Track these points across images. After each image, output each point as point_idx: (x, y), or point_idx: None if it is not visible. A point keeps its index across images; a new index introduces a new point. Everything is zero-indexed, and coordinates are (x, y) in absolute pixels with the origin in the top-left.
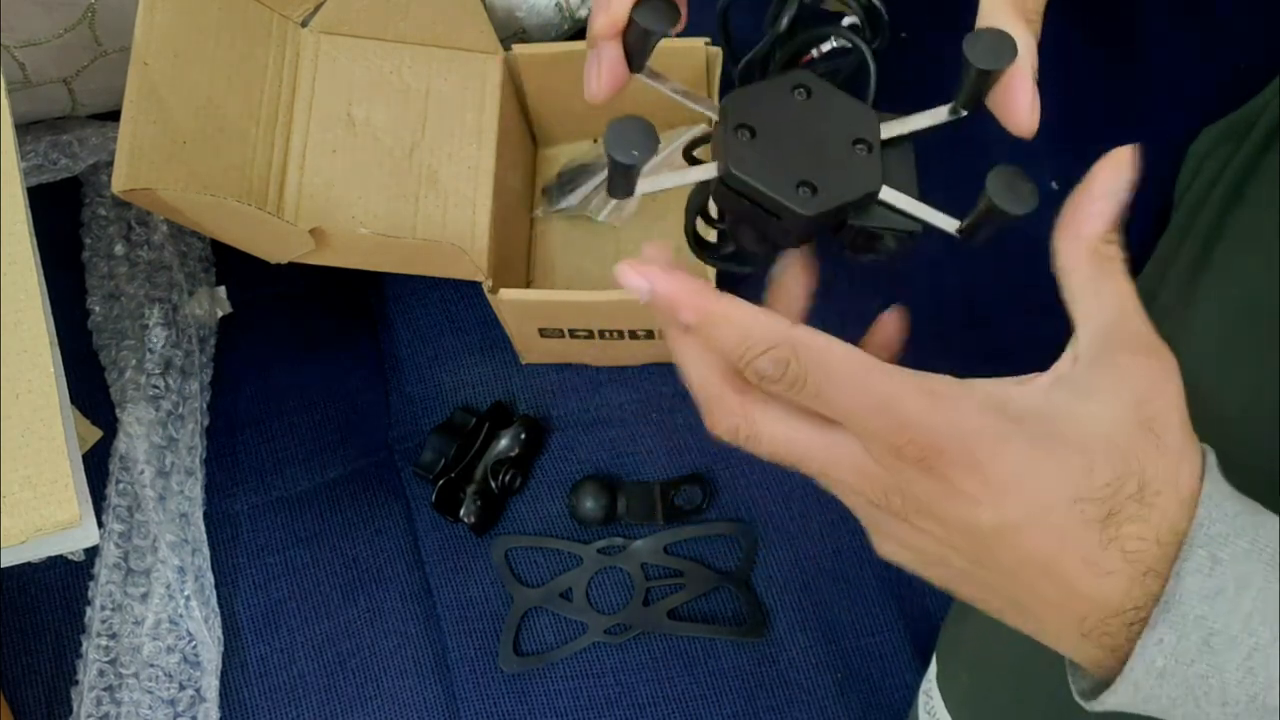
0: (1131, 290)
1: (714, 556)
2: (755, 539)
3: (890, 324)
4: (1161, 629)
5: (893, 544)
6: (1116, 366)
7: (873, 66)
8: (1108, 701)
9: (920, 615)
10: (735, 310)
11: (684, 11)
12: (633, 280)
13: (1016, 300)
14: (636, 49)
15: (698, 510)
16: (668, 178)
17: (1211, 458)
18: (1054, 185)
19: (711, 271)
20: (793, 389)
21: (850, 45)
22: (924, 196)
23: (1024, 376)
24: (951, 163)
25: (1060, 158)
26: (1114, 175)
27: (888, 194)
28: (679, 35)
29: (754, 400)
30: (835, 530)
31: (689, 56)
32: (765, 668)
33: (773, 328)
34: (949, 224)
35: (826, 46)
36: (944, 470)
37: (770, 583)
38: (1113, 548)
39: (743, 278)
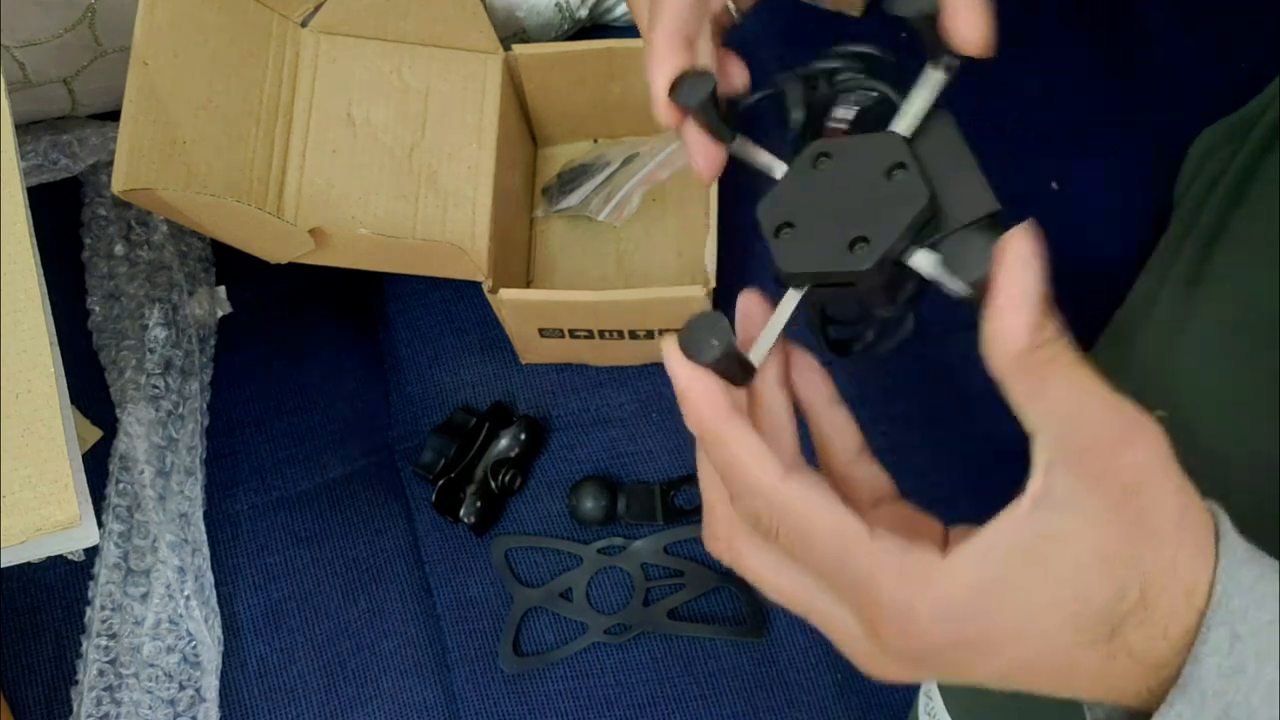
0: (1081, 383)
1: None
2: None
3: (836, 417)
4: (1179, 705)
5: (889, 678)
6: (1089, 472)
7: (890, 92)
8: None
9: None
10: (731, 439)
11: (732, 68)
12: (666, 362)
13: None
14: (707, 124)
15: (698, 510)
16: (768, 332)
17: (1224, 523)
18: (1054, 186)
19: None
20: (767, 540)
21: (866, 100)
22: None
23: (1006, 510)
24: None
25: (1060, 158)
26: (1021, 276)
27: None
28: (760, 95)
29: (741, 529)
30: None
31: None
32: (765, 668)
33: (755, 475)
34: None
35: (840, 113)
36: (930, 651)
37: None
38: (1120, 656)
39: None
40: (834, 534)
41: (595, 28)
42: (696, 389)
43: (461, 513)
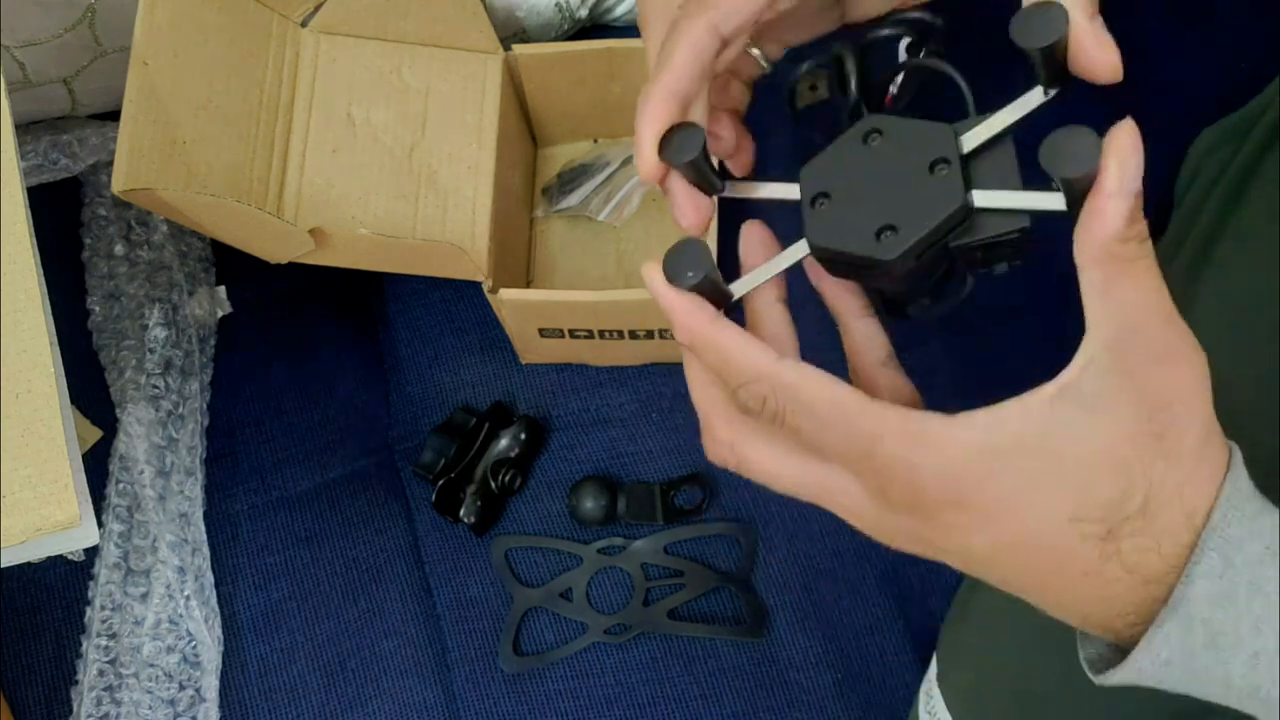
0: (1153, 289)
1: (714, 556)
2: (755, 539)
3: (865, 327)
4: (1168, 626)
5: (895, 545)
6: (1129, 376)
7: (953, 74)
8: (1112, 679)
9: (920, 615)
10: (723, 337)
11: (742, 147)
12: (648, 284)
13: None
14: (696, 178)
15: (698, 510)
16: (763, 270)
17: (1237, 455)
18: (1054, 186)
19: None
20: (773, 424)
21: (918, 67)
22: (1029, 185)
23: (1030, 392)
24: None
25: None
26: (1127, 165)
27: (983, 198)
28: (812, 63)
29: (742, 429)
30: (835, 530)
31: None
32: (765, 668)
33: (754, 360)
34: (1058, 201)
35: (897, 84)
36: (930, 510)
37: (770, 583)
38: (1113, 560)
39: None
40: (835, 401)
41: (595, 28)
42: (681, 303)
43: (461, 513)
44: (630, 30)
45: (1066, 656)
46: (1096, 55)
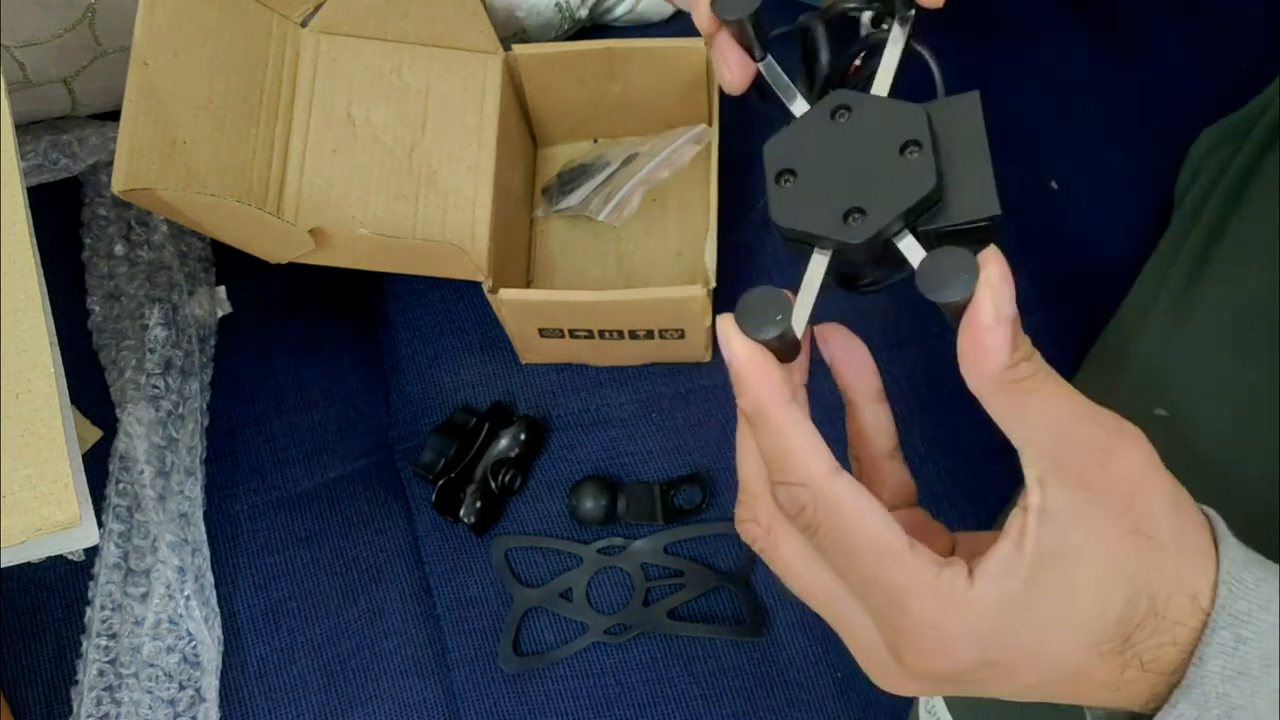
0: (1061, 399)
1: (714, 556)
2: None
3: (875, 414)
4: (1183, 705)
5: (902, 692)
6: (1083, 484)
7: (922, 50)
8: None
9: None
10: (787, 423)
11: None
12: (722, 340)
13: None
14: (744, 38)
15: (698, 510)
16: (805, 297)
17: (1221, 527)
18: (1054, 185)
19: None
20: (805, 533)
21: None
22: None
23: (1012, 524)
24: None
25: (1060, 158)
26: (996, 298)
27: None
28: (780, 30)
29: (782, 519)
30: None
31: (688, 56)
32: (765, 668)
33: (809, 464)
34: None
35: (863, 61)
36: (955, 669)
37: (770, 583)
38: (1132, 666)
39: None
40: (875, 541)
41: (595, 28)
42: (756, 368)
43: (461, 513)
44: (630, 30)
45: None
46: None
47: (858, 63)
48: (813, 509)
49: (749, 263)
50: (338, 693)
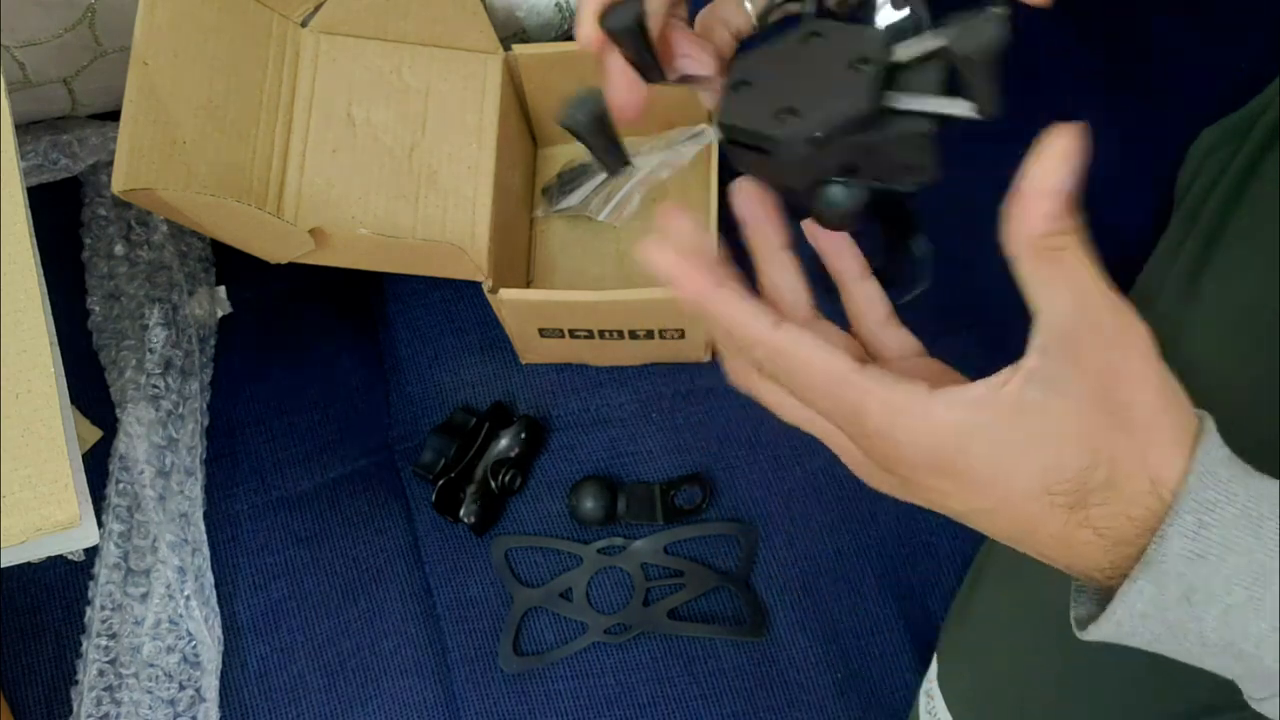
0: (1086, 274)
1: (714, 556)
2: (755, 539)
3: (865, 289)
4: (1142, 581)
5: (884, 491)
6: (1079, 360)
7: (921, 13)
8: (1094, 634)
9: (920, 615)
10: (722, 304)
11: (702, 57)
12: (653, 260)
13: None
14: (635, 56)
15: (698, 510)
16: (656, 156)
17: (1208, 423)
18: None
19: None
20: (772, 380)
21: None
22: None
23: (1002, 373)
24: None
25: None
26: (1056, 167)
27: (894, 101)
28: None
29: (754, 371)
30: (835, 530)
31: None
32: (765, 668)
33: (751, 329)
34: (966, 108)
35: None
36: (908, 474)
37: (770, 583)
38: (1083, 527)
39: None
40: (823, 371)
41: None
42: (684, 270)
43: (461, 513)
44: None
45: (1066, 657)
46: None
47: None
48: (768, 362)
49: (749, 262)
50: (338, 693)
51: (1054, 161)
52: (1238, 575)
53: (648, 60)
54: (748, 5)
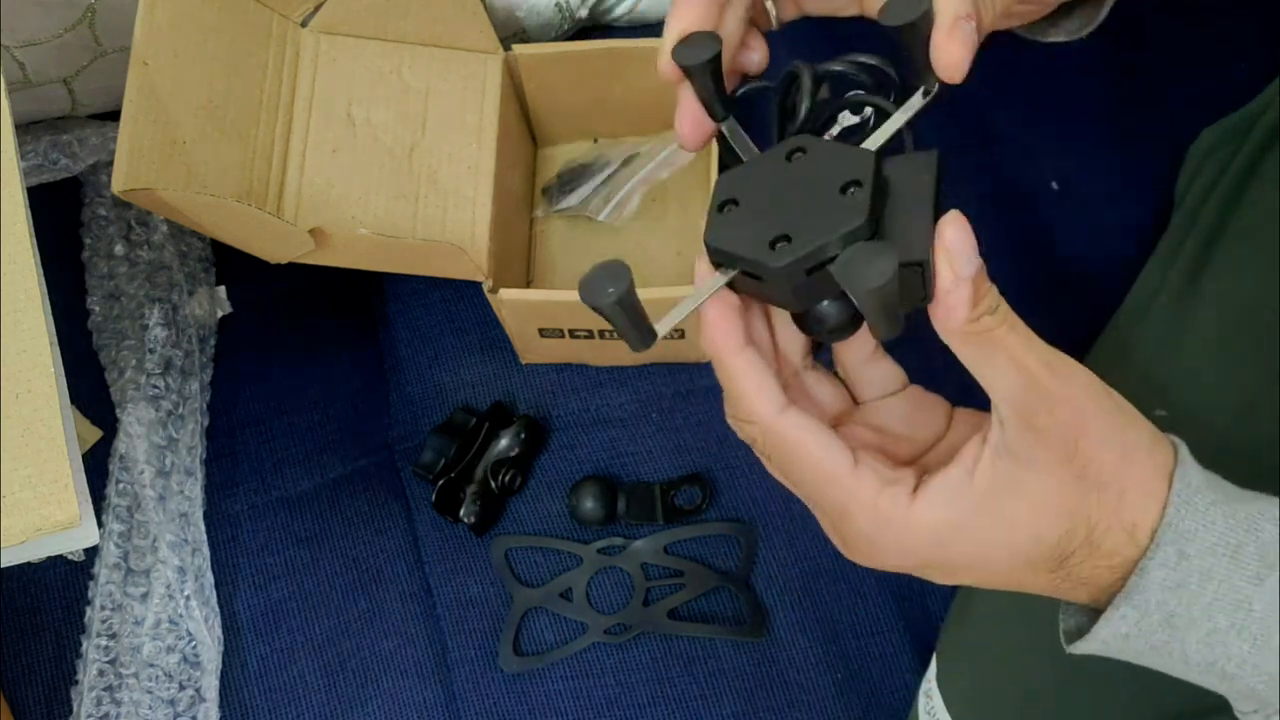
0: (1019, 345)
1: (714, 556)
2: (755, 539)
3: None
4: (1124, 608)
5: (855, 560)
6: (1036, 432)
7: (896, 115)
8: (1080, 649)
9: (920, 615)
10: (738, 368)
11: (753, 43)
12: (699, 275)
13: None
14: (704, 93)
15: (698, 510)
16: (688, 302)
17: (1183, 450)
18: (1054, 185)
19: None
20: (762, 458)
21: (867, 118)
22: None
23: (969, 450)
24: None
25: (1060, 158)
26: (956, 257)
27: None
28: (764, 84)
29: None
30: None
31: None
32: (765, 668)
33: (756, 405)
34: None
35: (838, 128)
36: (895, 568)
37: (770, 583)
38: (1069, 580)
39: None
40: (817, 468)
41: (595, 28)
42: (714, 317)
43: (461, 513)
44: (630, 30)
45: (1064, 657)
46: (943, 47)
47: (834, 130)
48: (763, 441)
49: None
50: (338, 693)
51: (954, 251)
52: (1218, 602)
53: (716, 98)
54: (769, 5)
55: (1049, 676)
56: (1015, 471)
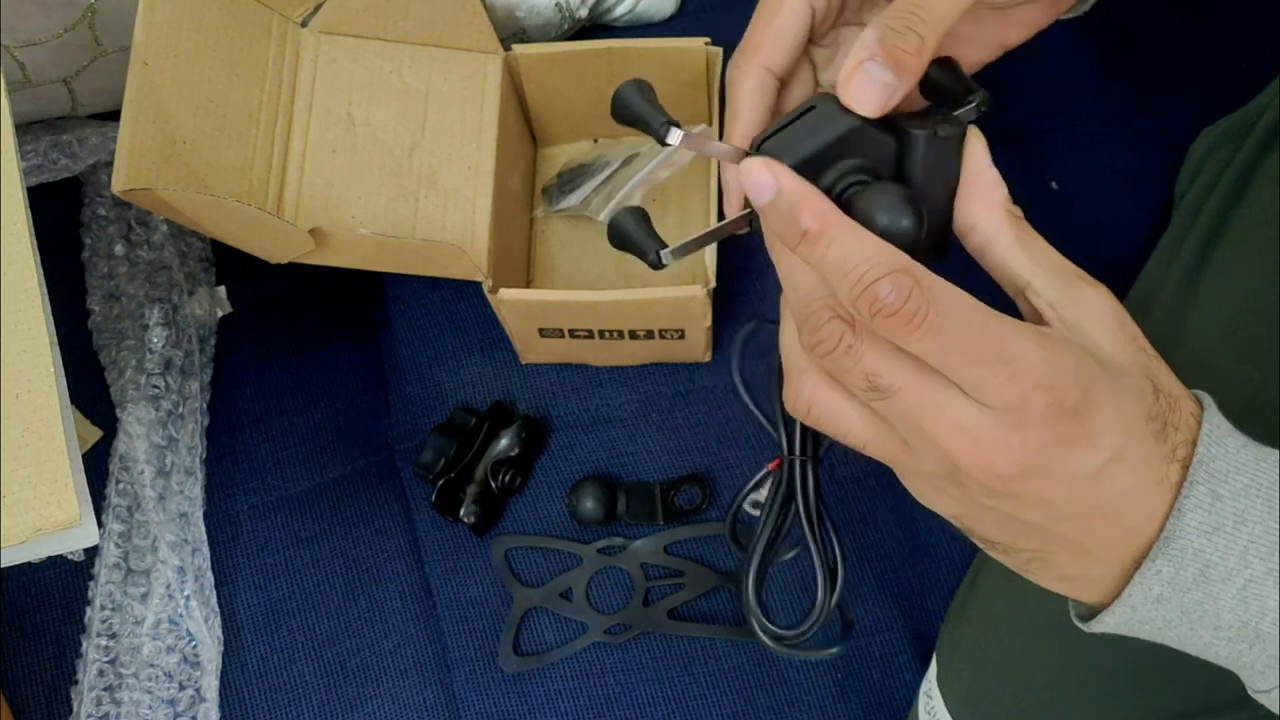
0: (1045, 242)
1: (714, 556)
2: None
3: None
4: (1161, 561)
5: (936, 507)
6: (1087, 301)
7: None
8: (1105, 622)
9: (920, 615)
10: (853, 227)
11: None
12: (759, 176)
13: None
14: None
15: (698, 510)
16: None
17: (1207, 398)
18: (1054, 185)
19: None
20: (909, 323)
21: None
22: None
23: (1048, 335)
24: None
25: (1060, 158)
26: (984, 150)
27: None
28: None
29: (820, 388)
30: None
31: (688, 57)
32: (765, 668)
33: (897, 254)
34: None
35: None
36: (1071, 414)
37: (771, 583)
38: (1173, 460)
39: None
40: (973, 303)
41: (595, 28)
42: (807, 189)
43: (461, 513)
44: (630, 30)
45: (1064, 657)
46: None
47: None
48: (919, 289)
49: (749, 262)
50: (338, 693)
51: (981, 143)
52: (1254, 547)
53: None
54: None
55: (1048, 677)
56: (1094, 340)
